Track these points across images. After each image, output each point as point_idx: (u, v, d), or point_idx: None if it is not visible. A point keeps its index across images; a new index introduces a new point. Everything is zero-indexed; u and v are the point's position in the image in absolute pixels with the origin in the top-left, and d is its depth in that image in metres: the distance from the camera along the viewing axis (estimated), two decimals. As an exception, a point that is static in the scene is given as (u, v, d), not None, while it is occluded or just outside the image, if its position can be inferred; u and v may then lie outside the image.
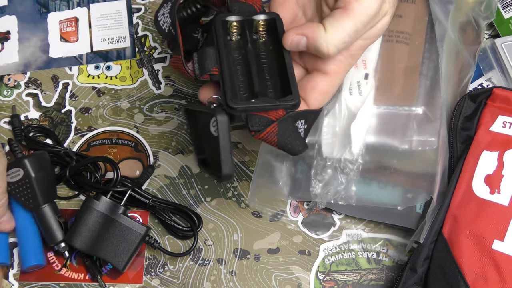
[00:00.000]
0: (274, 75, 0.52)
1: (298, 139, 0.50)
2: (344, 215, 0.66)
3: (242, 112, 0.49)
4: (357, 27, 0.47)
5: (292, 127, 0.49)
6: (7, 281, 0.66)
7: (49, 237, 0.64)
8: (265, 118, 0.49)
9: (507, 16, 0.70)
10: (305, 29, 0.48)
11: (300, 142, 0.50)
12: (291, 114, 0.49)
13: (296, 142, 0.50)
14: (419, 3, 0.62)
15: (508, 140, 0.59)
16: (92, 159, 0.67)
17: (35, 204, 0.64)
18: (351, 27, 0.47)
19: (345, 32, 0.47)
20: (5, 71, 0.76)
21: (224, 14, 0.52)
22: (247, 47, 0.53)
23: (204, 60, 0.51)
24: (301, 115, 0.50)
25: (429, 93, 0.59)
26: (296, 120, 0.50)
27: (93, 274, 0.65)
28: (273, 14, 0.52)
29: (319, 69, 0.51)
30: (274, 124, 0.48)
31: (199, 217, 0.66)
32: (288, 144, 0.49)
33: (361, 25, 0.47)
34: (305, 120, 0.50)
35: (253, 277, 0.65)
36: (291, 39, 0.49)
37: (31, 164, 0.63)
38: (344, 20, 0.47)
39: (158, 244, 0.65)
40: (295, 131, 0.49)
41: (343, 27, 0.47)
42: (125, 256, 0.62)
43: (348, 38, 0.47)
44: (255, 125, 0.49)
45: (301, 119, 0.50)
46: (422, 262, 0.59)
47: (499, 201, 0.57)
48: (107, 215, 0.63)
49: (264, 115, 0.49)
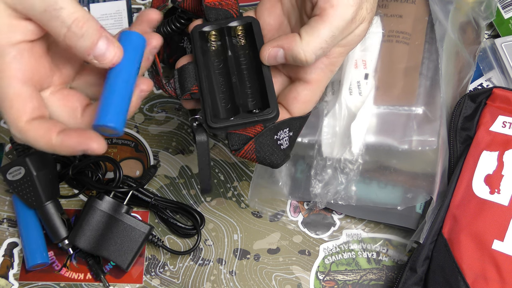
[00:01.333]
0: (254, 82, 0.52)
1: (277, 153, 0.50)
2: (344, 215, 0.66)
3: (221, 131, 0.50)
4: (333, 33, 0.48)
5: (271, 142, 0.50)
6: (7, 281, 0.66)
7: (53, 234, 0.64)
8: (243, 136, 0.49)
9: (507, 16, 0.70)
10: (281, 41, 0.49)
11: (279, 155, 0.50)
12: (270, 127, 0.49)
13: (274, 156, 0.50)
14: (419, 3, 0.62)
15: (508, 140, 0.59)
16: (94, 159, 0.67)
17: (37, 202, 0.64)
18: (327, 33, 0.47)
19: (321, 38, 0.47)
20: (5, 71, 0.75)
21: (200, 25, 0.52)
22: (227, 54, 0.53)
23: (184, 79, 0.51)
24: (284, 124, 0.50)
25: (429, 93, 0.59)
26: (278, 131, 0.50)
27: (96, 273, 0.65)
28: (249, 19, 0.52)
29: (300, 78, 0.51)
30: (251, 142, 0.49)
31: (201, 215, 0.66)
32: (266, 159, 0.50)
33: (337, 31, 0.48)
34: (289, 128, 0.51)
35: (253, 277, 0.65)
36: (267, 53, 0.49)
37: (33, 162, 0.63)
38: (320, 27, 0.47)
39: (161, 242, 0.65)
40: (274, 145, 0.50)
41: (319, 33, 0.47)
42: (129, 255, 0.63)
43: (325, 44, 0.48)
44: (234, 144, 0.50)
45: (284, 128, 0.50)
46: (422, 262, 0.59)
47: (499, 201, 0.57)
48: (110, 214, 0.63)
49: (242, 132, 0.49)
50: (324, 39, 0.47)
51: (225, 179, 0.69)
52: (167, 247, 0.65)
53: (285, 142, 0.51)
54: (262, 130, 0.49)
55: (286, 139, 0.51)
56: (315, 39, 0.47)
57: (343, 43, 0.50)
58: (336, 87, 0.61)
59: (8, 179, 0.64)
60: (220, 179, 0.69)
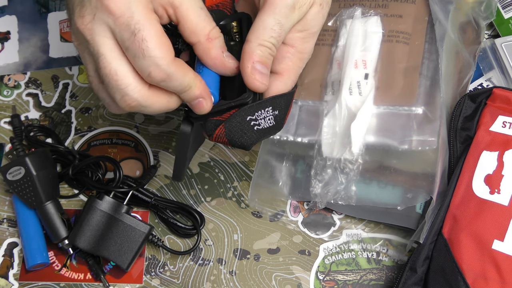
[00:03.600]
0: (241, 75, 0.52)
1: (247, 134, 0.51)
2: (344, 215, 0.66)
3: (201, 120, 0.50)
4: (278, 20, 0.48)
5: (241, 124, 0.50)
6: (7, 281, 0.66)
7: (53, 234, 0.64)
8: (218, 121, 0.50)
9: (507, 16, 0.70)
10: (245, 58, 0.49)
11: (250, 136, 0.51)
12: (243, 109, 0.50)
13: (244, 138, 0.51)
14: (419, 3, 0.62)
15: (508, 140, 0.59)
16: (94, 159, 0.67)
17: (37, 201, 0.64)
18: (272, 22, 0.48)
19: (268, 28, 0.48)
20: (5, 71, 0.76)
21: None
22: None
23: None
24: (264, 104, 0.50)
25: (429, 93, 0.59)
26: (255, 111, 0.50)
27: (96, 273, 0.65)
28: (239, 15, 0.53)
29: (272, 71, 0.52)
30: (221, 125, 0.50)
31: (201, 215, 0.66)
32: (236, 141, 0.51)
33: (282, 18, 0.48)
34: (272, 107, 0.51)
35: (253, 277, 0.65)
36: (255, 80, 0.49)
37: (32, 162, 0.63)
38: (264, 17, 0.48)
39: (161, 242, 0.65)
40: (245, 127, 0.50)
41: (264, 24, 0.48)
42: (129, 255, 0.63)
43: (274, 33, 0.49)
44: (209, 129, 0.50)
45: (265, 108, 0.51)
46: (422, 262, 0.59)
47: (499, 201, 0.57)
48: (110, 214, 0.63)
49: (218, 118, 0.50)
50: (271, 28, 0.48)
51: (225, 179, 0.69)
52: (167, 247, 0.65)
53: (268, 122, 0.51)
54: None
55: (270, 118, 0.51)
56: (262, 30, 0.48)
57: (298, 28, 0.51)
58: (336, 87, 0.61)
59: (8, 179, 0.64)
60: (220, 179, 0.69)
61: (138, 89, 0.46)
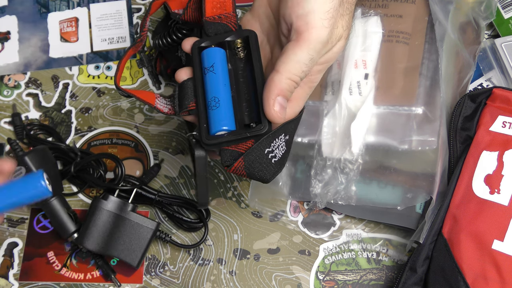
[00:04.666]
0: (250, 94, 0.53)
1: (266, 168, 0.51)
2: (344, 215, 0.66)
3: (215, 147, 0.50)
4: (311, 56, 0.49)
5: (260, 157, 0.50)
6: (7, 281, 0.66)
7: (61, 230, 0.65)
8: (235, 152, 0.50)
9: (507, 16, 0.70)
10: (271, 90, 0.49)
11: (269, 170, 0.51)
12: (260, 142, 0.50)
13: (263, 172, 0.51)
14: (419, 3, 0.62)
15: (508, 140, 0.59)
16: (96, 156, 0.67)
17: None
18: (305, 57, 0.49)
19: (301, 62, 0.49)
20: (5, 71, 0.76)
21: (199, 41, 0.53)
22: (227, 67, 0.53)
23: (182, 96, 0.52)
24: (279, 131, 0.51)
25: (429, 93, 0.59)
26: (272, 141, 0.50)
27: (106, 273, 0.65)
28: (246, 32, 0.53)
29: None
30: (240, 159, 0.50)
31: (206, 208, 0.66)
32: (256, 175, 0.51)
33: (315, 53, 0.49)
34: (285, 133, 0.51)
35: (253, 277, 0.65)
36: (277, 113, 0.49)
37: (32, 160, 0.63)
38: (298, 52, 0.49)
39: (169, 238, 0.65)
40: (263, 161, 0.50)
41: (298, 59, 0.49)
42: (138, 253, 0.63)
43: (306, 68, 0.49)
44: (226, 160, 0.50)
45: (280, 135, 0.51)
46: (422, 262, 0.59)
47: (499, 201, 0.57)
48: (116, 213, 0.63)
49: (234, 148, 0.50)
50: (304, 63, 0.49)
51: (225, 179, 0.69)
52: (176, 242, 0.65)
53: (281, 149, 0.51)
54: (252, 145, 0.50)
55: (283, 145, 0.51)
56: (295, 64, 0.49)
57: (321, 61, 0.51)
58: (336, 87, 0.61)
59: None
60: (220, 179, 0.69)
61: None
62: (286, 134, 0.51)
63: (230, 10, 0.53)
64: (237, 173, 0.51)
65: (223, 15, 0.53)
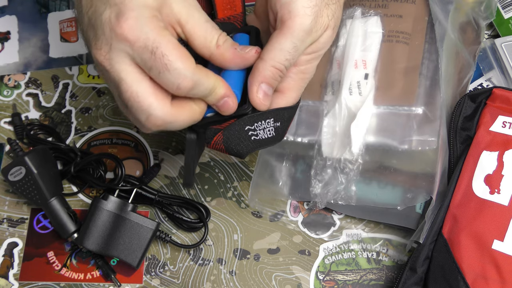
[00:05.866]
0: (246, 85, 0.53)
1: (244, 143, 0.52)
2: (344, 215, 0.66)
3: (201, 127, 0.51)
4: (294, 44, 0.49)
5: (239, 132, 0.51)
6: (7, 281, 0.66)
7: (61, 230, 0.65)
8: (217, 130, 0.51)
9: (507, 16, 0.70)
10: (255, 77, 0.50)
11: (246, 145, 0.52)
12: (242, 119, 0.51)
13: (240, 146, 0.52)
14: (419, 3, 0.62)
15: (508, 140, 0.59)
16: (97, 156, 0.67)
17: (42, 199, 0.64)
18: (289, 45, 0.49)
19: (284, 50, 0.49)
20: (5, 71, 0.76)
21: None
22: None
23: None
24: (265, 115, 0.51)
25: (429, 93, 0.59)
26: (254, 122, 0.51)
27: (106, 273, 0.65)
28: (248, 28, 0.54)
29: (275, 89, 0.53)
30: (219, 133, 0.51)
31: (206, 208, 0.66)
32: (233, 148, 0.52)
33: (298, 42, 0.49)
34: (274, 118, 0.52)
35: (253, 277, 0.65)
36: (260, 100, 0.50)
37: (32, 160, 0.64)
38: (281, 40, 0.49)
39: (169, 238, 0.65)
40: (242, 136, 0.51)
41: (281, 46, 0.49)
42: (138, 253, 0.63)
43: (289, 56, 0.49)
44: (208, 137, 0.52)
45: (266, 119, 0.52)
46: (422, 262, 0.59)
47: (499, 201, 0.57)
48: (116, 213, 0.63)
49: (218, 127, 0.51)
50: (287, 51, 0.49)
51: (225, 179, 0.69)
52: (176, 242, 0.65)
53: (267, 133, 0.52)
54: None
55: (270, 129, 0.52)
56: (278, 52, 0.49)
57: (308, 51, 0.51)
58: (336, 87, 0.61)
59: (10, 180, 0.64)
60: (220, 179, 0.69)
61: (161, 107, 0.47)
62: (277, 120, 0.52)
63: (239, 11, 0.54)
64: (216, 148, 0.52)
65: (232, 16, 0.54)
